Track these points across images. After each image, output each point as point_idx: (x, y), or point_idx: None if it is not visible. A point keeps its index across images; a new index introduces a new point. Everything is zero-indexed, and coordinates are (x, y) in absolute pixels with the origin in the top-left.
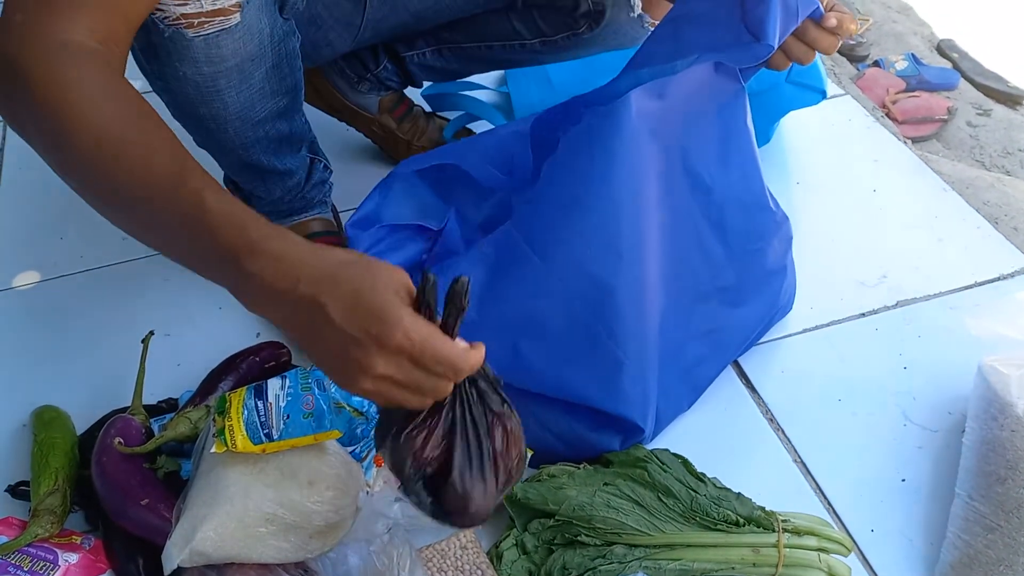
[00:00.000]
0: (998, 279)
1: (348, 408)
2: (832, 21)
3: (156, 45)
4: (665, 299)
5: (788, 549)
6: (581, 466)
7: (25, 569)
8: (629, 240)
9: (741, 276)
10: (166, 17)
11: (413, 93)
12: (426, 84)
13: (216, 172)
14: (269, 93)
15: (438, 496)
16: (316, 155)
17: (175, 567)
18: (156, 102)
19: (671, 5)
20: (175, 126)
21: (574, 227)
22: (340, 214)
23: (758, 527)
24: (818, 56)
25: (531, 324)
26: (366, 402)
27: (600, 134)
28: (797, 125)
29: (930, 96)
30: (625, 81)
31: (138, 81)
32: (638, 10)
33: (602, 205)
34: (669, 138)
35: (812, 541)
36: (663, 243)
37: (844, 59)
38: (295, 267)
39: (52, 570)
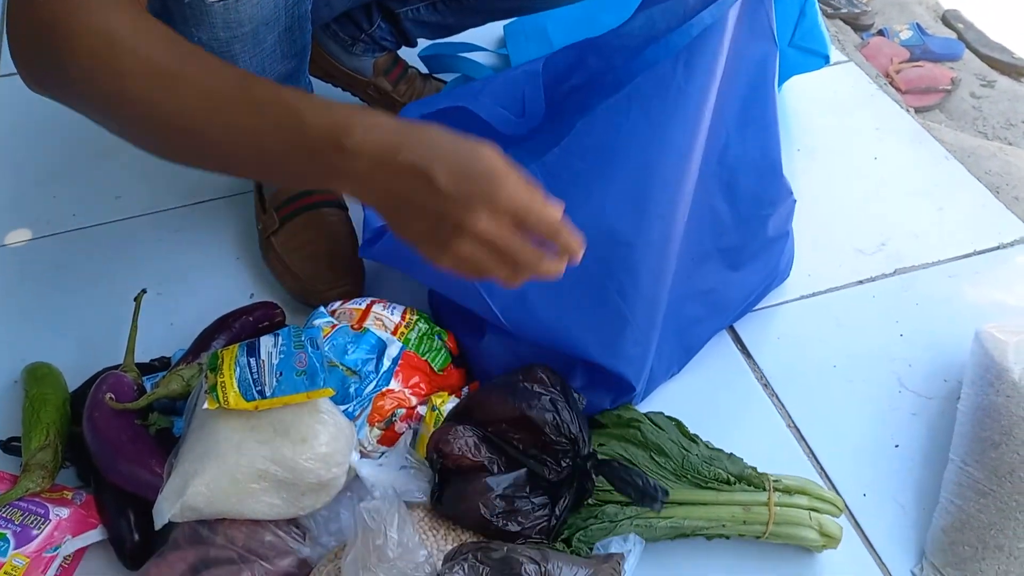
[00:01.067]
0: (998, 248)
1: (341, 367)
2: None
3: (172, 10)
4: (675, 260)
5: (779, 507)
6: None
7: (16, 523)
8: (657, 202)
9: (744, 239)
10: None
11: (410, 56)
12: (422, 45)
13: None
14: (280, 56)
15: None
16: None
17: (166, 522)
18: None
19: None
20: None
21: (603, 183)
22: None
23: (749, 486)
24: (822, 21)
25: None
26: (359, 361)
27: (650, 99)
28: (800, 91)
29: (934, 66)
30: (638, 22)
31: None
32: None
33: (637, 165)
34: (706, 99)
35: (803, 500)
36: (674, 202)
37: (848, 27)
38: (394, 136)
39: (43, 524)
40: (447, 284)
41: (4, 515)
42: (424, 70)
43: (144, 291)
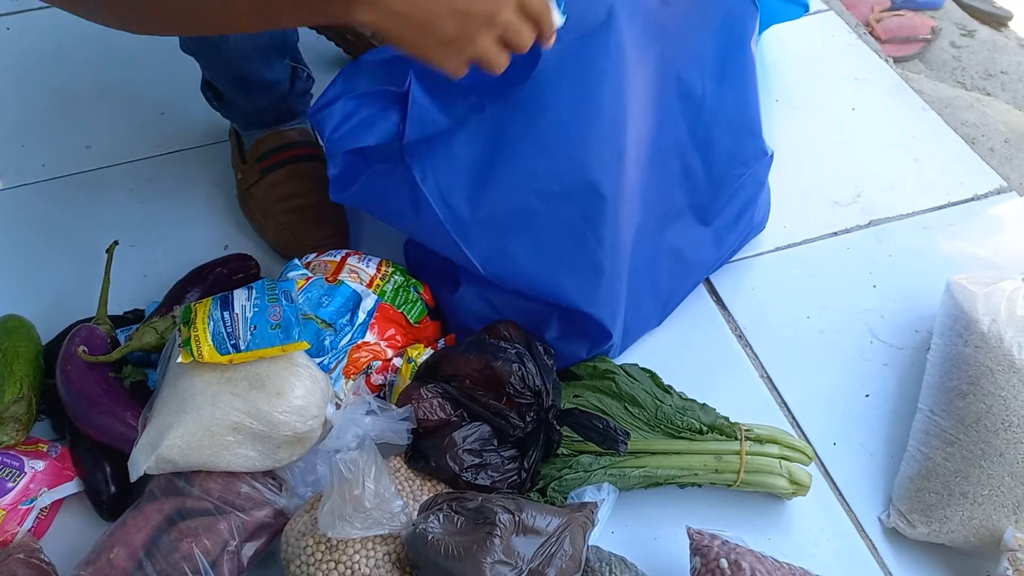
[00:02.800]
0: (972, 199)
1: (316, 319)
2: None
3: None
4: (642, 212)
5: (750, 456)
6: None
7: None
8: (629, 146)
9: (717, 195)
10: None
11: None
12: None
13: (184, 75)
14: None
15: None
16: (298, 63)
17: (141, 474)
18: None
19: None
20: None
21: (581, 124)
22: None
23: (721, 435)
24: None
25: (521, 221)
26: (335, 314)
27: (585, 58)
28: (779, 40)
29: (915, 15)
30: None
31: None
32: None
33: (611, 106)
34: (665, 45)
35: (774, 449)
36: (646, 156)
37: None
38: None
39: (18, 476)
40: (425, 233)
41: None
42: None
43: (116, 243)
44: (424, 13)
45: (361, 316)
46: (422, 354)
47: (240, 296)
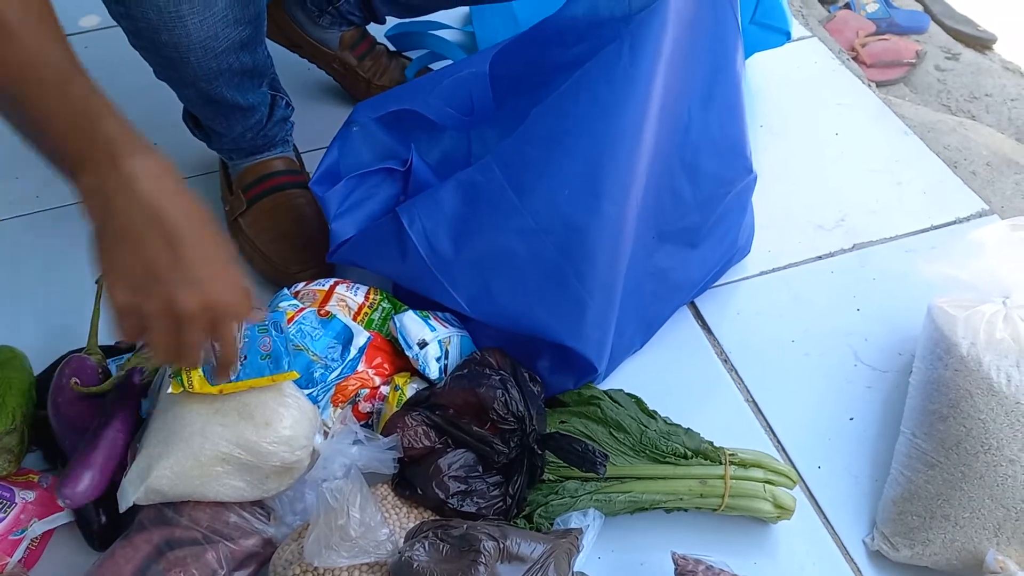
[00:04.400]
0: (954, 223)
1: (307, 351)
2: None
3: None
4: (632, 241)
5: (734, 480)
6: None
7: None
8: (609, 187)
9: (704, 218)
10: None
11: (377, 33)
12: (390, 23)
13: (176, 107)
14: (232, 21)
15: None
16: (277, 91)
17: (131, 504)
18: (116, 33)
19: None
20: (134, 58)
21: (555, 170)
22: (302, 155)
23: (706, 460)
24: None
25: (502, 260)
26: (328, 348)
27: (597, 84)
28: (763, 67)
29: (899, 39)
30: (581, 7)
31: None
32: None
33: (588, 152)
34: (664, 79)
35: (758, 473)
36: (638, 185)
37: (815, 1)
38: (172, 186)
39: (9, 507)
40: (413, 277)
41: None
42: (392, 47)
43: None
44: (128, 239)
45: (352, 352)
46: (409, 382)
47: None
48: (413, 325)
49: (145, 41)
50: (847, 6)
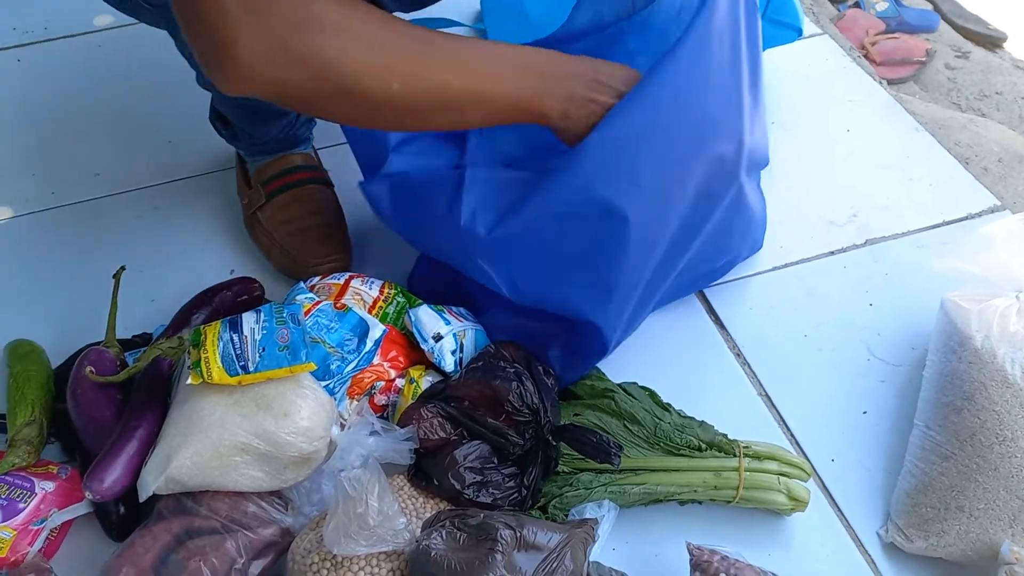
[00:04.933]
0: (966, 218)
1: (324, 344)
2: None
3: None
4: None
5: (748, 473)
6: None
7: (3, 496)
8: (655, 174)
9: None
10: None
11: None
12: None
13: (189, 106)
14: None
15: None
16: None
17: (150, 494)
18: (129, 33)
19: None
20: (146, 57)
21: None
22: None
23: (720, 452)
24: None
25: (533, 245)
26: (344, 341)
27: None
28: (774, 64)
29: (909, 38)
30: (584, 17)
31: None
32: None
33: (634, 134)
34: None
35: (772, 465)
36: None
37: None
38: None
39: (29, 497)
40: (447, 252)
41: None
42: None
43: (123, 268)
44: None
45: (368, 345)
46: (424, 375)
47: (249, 319)
48: (428, 319)
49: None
50: (856, 4)
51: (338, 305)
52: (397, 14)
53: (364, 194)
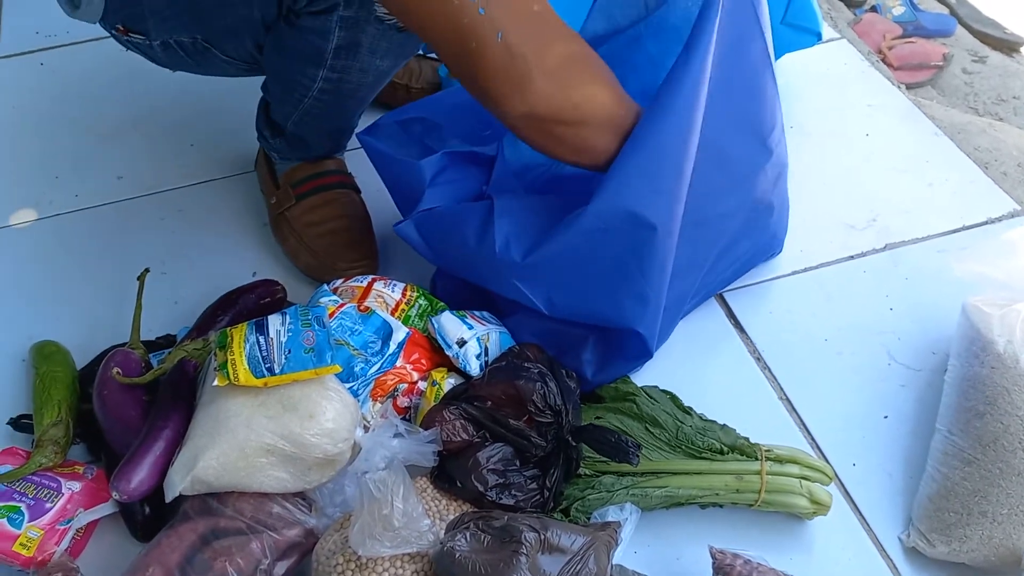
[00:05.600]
0: (986, 223)
1: (348, 346)
2: None
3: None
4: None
5: (770, 476)
6: None
7: (30, 496)
8: (672, 179)
9: (740, 203)
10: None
11: None
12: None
13: (211, 109)
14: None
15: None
16: None
17: (177, 494)
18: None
19: None
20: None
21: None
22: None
23: (742, 455)
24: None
25: (568, 263)
26: (368, 343)
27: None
28: (793, 68)
29: (926, 42)
30: (598, 23)
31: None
32: None
33: (653, 145)
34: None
35: (794, 469)
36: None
37: (841, 3)
38: None
39: (56, 497)
40: (484, 278)
41: (18, 489)
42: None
43: (147, 270)
44: None
45: (392, 347)
46: (446, 377)
47: (274, 321)
48: (451, 324)
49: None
50: (873, 9)
51: (362, 308)
52: None
53: (399, 235)
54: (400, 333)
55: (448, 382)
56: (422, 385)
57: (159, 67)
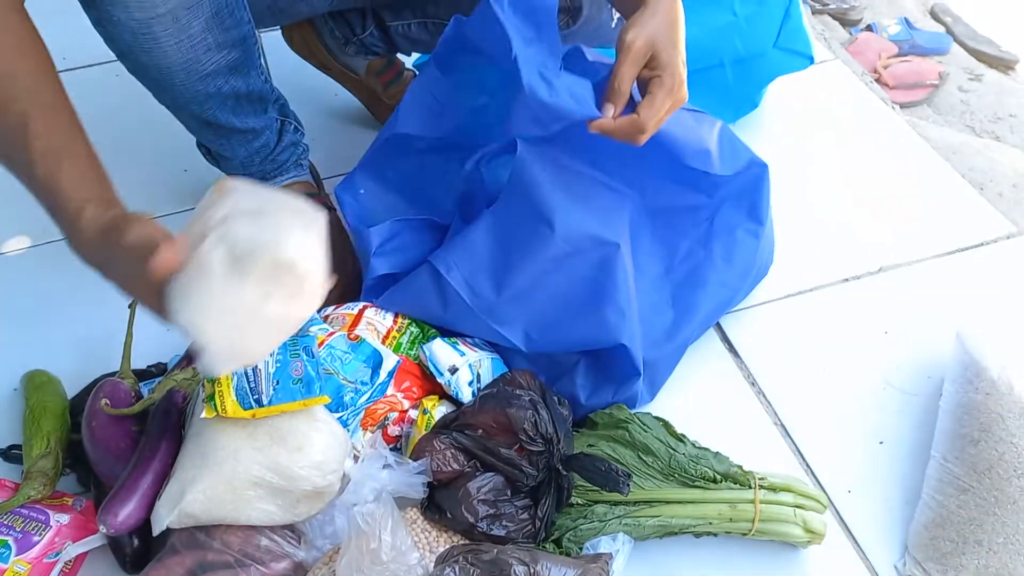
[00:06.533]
0: (981, 245)
1: (337, 375)
2: (593, 129)
3: None
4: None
5: (764, 505)
6: None
7: (18, 529)
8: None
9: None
10: None
11: (407, 58)
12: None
13: (183, 133)
14: (213, 45)
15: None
16: (286, 116)
17: (164, 527)
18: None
19: None
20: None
21: (573, 193)
22: (327, 180)
23: (735, 484)
24: (806, 22)
25: (544, 289)
26: (357, 372)
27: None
28: (785, 90)
29: (922, 61)
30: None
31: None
32: (615, 19)
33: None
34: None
35: (788, 497)
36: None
37: (836, 23)
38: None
39: (44, 530)
40: (458, 323)
41: (6, 522)
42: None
43: None
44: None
45: (382, 376)
46: (437, 405)
47: None
48: (442, 351)
49: (130, 64)
50: (868, 28)
51: (352, 336)
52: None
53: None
54: (390, 361)
55: (439, 410)
56: (413, 413)
57: (151, 94)
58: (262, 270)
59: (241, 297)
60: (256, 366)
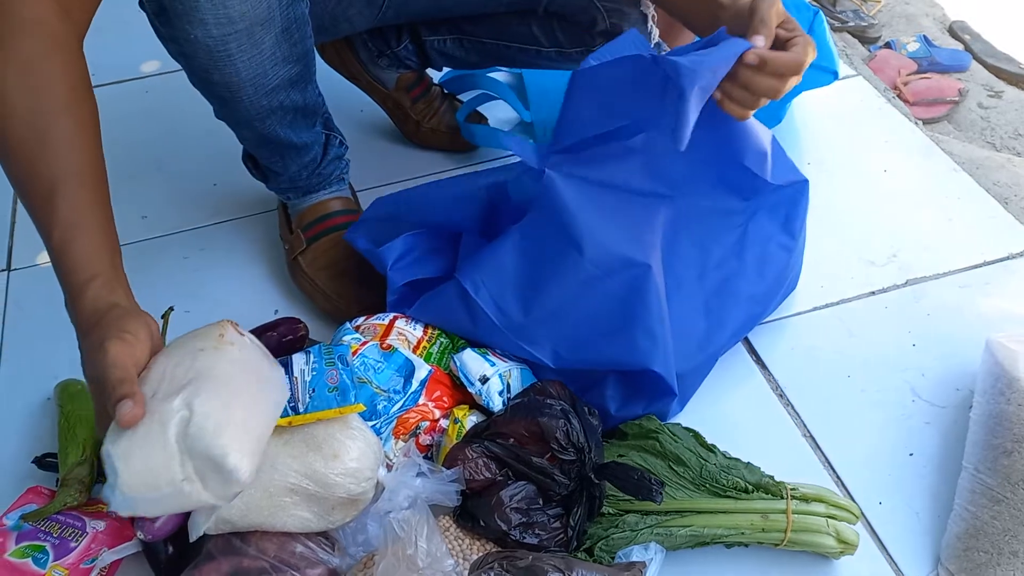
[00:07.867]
0: (1007, 258)
1: (371, 384)
2: (751, 58)
3: (167, 8)
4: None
5: (796, 515)
6: None
7: (55, 535)
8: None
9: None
10: None
11: (435, 73)
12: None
13: (236, 149)
14: (280, 59)
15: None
16: (331, 130)
17: (201, 534)
18: (176, 78)
19: (691, 36)
20: (194, 102)
21: (605, 214)
22: (357, 193)
23: (767, 494)
24: (829, 36)
25: (573, 311)
26: (390, 381)
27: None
28: (809, 106)
29: (941, 78)
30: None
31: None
32: (655, 39)
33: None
34: None
35: (820, 508)
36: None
37: (856, 41)
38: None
39: (80, 536)
40: (486, 339)
41: (43, 528)
42: (446, 90)
43: (172, 308)
44: None
45: (414, 385)
46: (468, 415)
47: (299, 360)
48: (473, 362)
49: (199, 80)
50: (887, 45)
51: (384, 345)
52: (445, 68)
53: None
54: (422, 371)
55: (470, 419)
56: (444, 423)
57: (183, 108)
58: (202, 462)
59: (171, 468)
60: (293, 374)
